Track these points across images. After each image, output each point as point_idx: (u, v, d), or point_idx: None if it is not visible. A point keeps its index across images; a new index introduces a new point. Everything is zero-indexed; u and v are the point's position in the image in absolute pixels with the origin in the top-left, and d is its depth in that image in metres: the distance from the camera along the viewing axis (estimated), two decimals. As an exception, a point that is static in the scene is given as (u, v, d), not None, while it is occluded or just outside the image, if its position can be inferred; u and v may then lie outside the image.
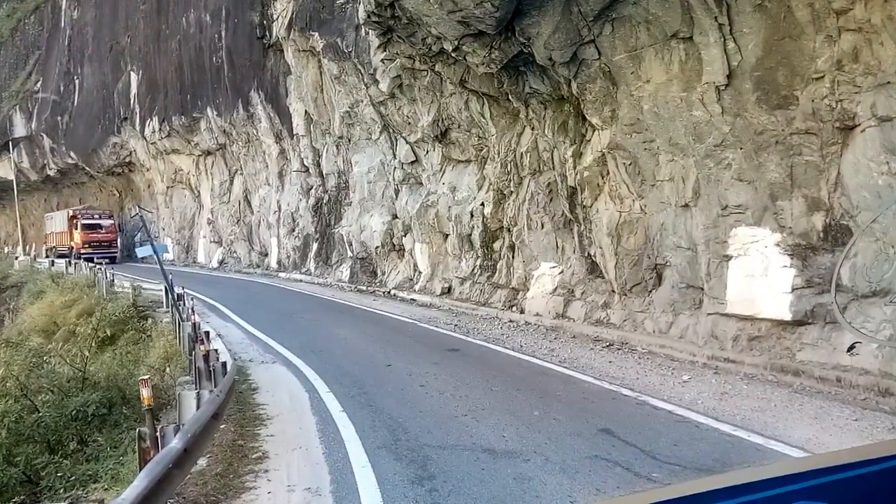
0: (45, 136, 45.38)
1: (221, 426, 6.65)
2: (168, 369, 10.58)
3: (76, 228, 39.42)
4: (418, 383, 8.49)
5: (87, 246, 38.07)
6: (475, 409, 7.11)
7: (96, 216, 40.83)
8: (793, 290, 8.52)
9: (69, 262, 32.68)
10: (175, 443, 4.30)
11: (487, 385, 8.22)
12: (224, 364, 7.31)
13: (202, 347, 7.25)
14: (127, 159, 40.11)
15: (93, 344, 10.70)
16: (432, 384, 8.40)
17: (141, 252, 19.75)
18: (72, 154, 43.31)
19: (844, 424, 6.36)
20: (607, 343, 10.91)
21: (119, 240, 41.22)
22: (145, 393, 4.96)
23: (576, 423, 6.44)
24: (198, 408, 5.67)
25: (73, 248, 38.92)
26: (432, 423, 6.65)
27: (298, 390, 8.47)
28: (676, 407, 6.84)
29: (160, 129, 34.10)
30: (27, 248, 50.61)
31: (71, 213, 41.36)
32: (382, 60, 17.53)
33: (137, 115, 36.42)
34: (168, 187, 38.64)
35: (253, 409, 7.52)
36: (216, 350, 8.20)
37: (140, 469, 4.58)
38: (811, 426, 6.32)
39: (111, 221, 41.06)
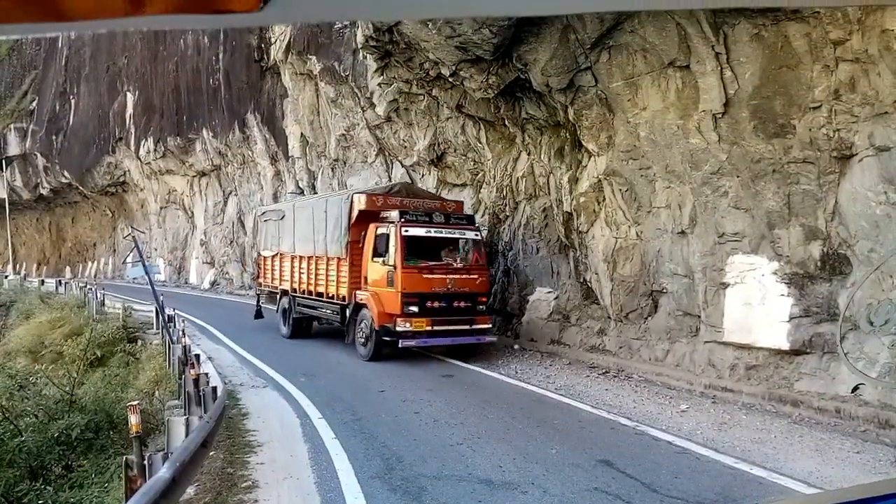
0: (38, 154, 45.27)
1: (211, 453, 6.48)
2: (157, 393, 10.38)
3: (384, 255, 12.07)
4: (412, 410, 8.33)
5: (418, 306, 11.80)
6: (471, 437, 6.97)
7: (436, 217, 12.69)
8: (790, 318, 8.47)
9: (364, 345, 12.35)
10: (163, 472, 4.15)
11: (483, 413, 8.08)
12: (214, 389, 7.15)
13: (192, 372, 7.10)
14: (121, 179, 39.99)
15: (81, 366, 10.45)
16: (426, 411, 8.25)
17: (132, 273, 19.55)
18: (66, 173, 43.16)
19: (846, 457, 6.25)
20: (603, 370, 10.80)
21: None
22: (133, 420, 4.81)
23: (574, 453, 6.30)
24: (187, 434, 5.52)
25: (360, 305, 12.62)
26: (427, 451, 6.49)
27: (290, 416, 8.29)
28: (676, 437, 6.72)
29: (155, 150, 34.07)
30: (17, 266, 50.19)
31: (363, 199, 13.02)
32: (379, 84, 17.59)
33: (133, 136, 36.41)
34: (161, 208, 38.50)
35: (243, 436, 7.34)
36: (206, 374, 8.03)
37: (126, 499, 4.43)
38: (813, 459, 6.21)
39: (475, 235, 12.95)
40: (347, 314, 13.01)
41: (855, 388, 7.68)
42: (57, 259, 53.51)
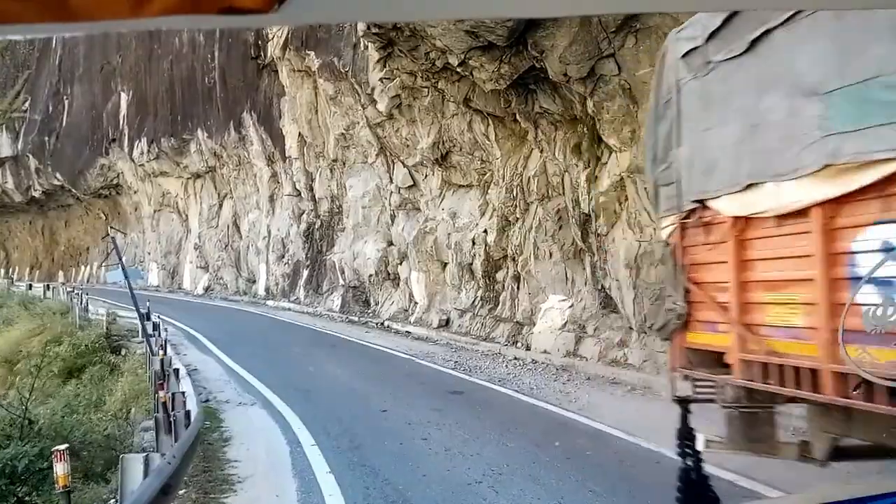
0: (31, 156, 44.30)
1: (181, 491, 5.43)
2: (133, 410, 9.36)
3: None
4: (419, 435, 7.28)
5: None
6: (491, 473, 5.90)
7: None
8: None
9: None
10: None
11: (501, 440, 7.03)
12: (188, 413, 6.12)
13: (162, 395, 6.06)
14: (114, 181, 39.07)
15: (34, 383, 9.37)
16: (436, 437, 7.20)
17: (112, 277, 18.66)
18: (58, 175, 42.19)
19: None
20: (628, 387, 9.77)
21: None
22: (60, 470, 3.78)
23: (617, 498, 5.25)
24: (145, 476, 4.48)
25: None
26: (440, 493, 5.44)
27: (278, 442, 7.24)
28: (739, 477, 5.63)
29: (149, 151, 33.17)
30: (10, 270, 49.16)
31: None
32: (381, 79, 16.61)
33: (126, 137, 35.49)
34: (155, 211, 37.53)
35: (221, 468, 6.29)
36: (183, 393, 7.00)
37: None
38: None
39: None
40: None
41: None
42: (50, 263, 52.49)
